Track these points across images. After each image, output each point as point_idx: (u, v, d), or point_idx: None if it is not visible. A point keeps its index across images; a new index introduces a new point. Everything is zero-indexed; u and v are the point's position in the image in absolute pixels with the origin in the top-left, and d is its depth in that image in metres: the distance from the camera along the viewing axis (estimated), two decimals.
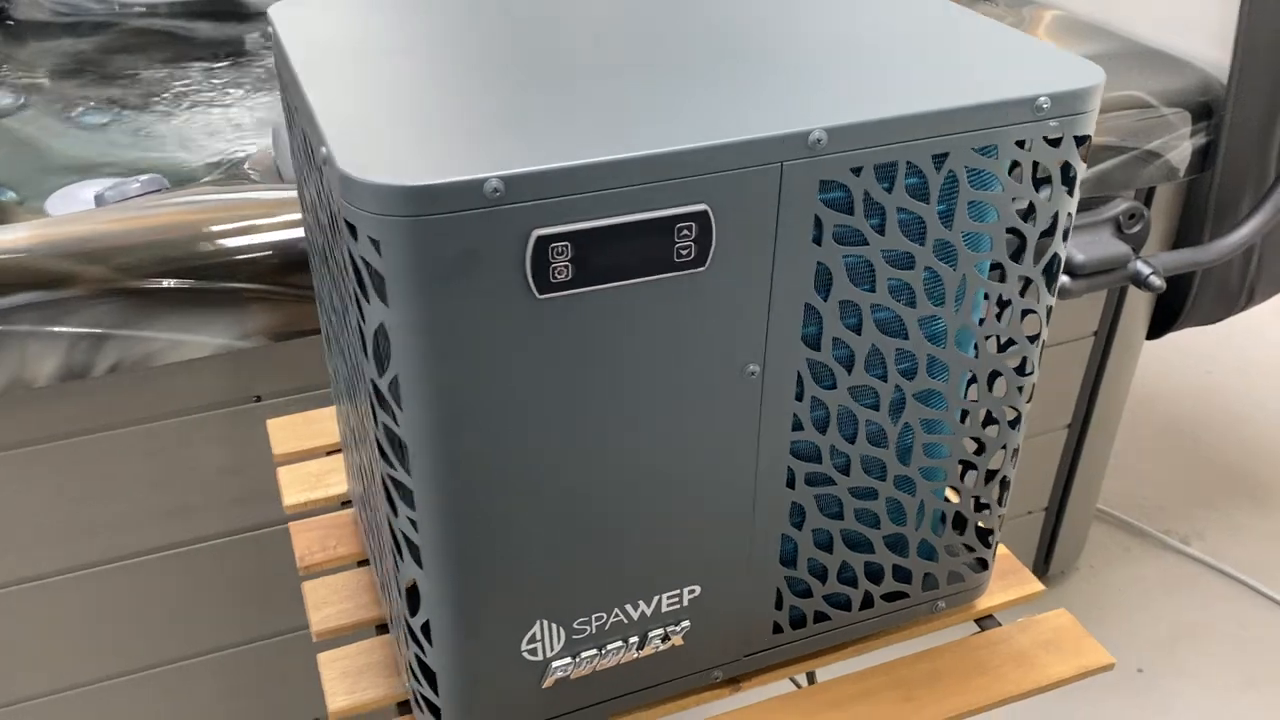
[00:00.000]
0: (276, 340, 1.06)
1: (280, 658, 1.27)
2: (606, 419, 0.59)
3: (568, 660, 0.67)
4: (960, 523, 0.75)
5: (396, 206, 0.49)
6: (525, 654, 0.66)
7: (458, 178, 0.49)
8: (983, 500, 0.75)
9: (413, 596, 0.63)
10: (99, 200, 1.26)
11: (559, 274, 0.53)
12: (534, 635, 0.65)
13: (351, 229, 0.51)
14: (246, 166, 1.28)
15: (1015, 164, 0.61)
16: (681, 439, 0.62)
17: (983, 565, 0.79)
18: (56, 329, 0.98)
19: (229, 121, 2.01)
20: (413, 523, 0.59)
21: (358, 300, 0.54)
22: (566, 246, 0.52)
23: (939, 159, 0.58)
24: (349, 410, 0.72)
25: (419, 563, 0.61)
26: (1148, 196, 1.43)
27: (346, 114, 0.56)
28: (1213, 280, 1.51)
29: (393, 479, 0.59)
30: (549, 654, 0.66)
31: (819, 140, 0.55)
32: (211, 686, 1.25)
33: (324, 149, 0.53)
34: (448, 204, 0.50)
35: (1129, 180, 1.35)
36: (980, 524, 0.76)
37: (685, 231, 0.54)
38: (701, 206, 0.54)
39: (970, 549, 0.77)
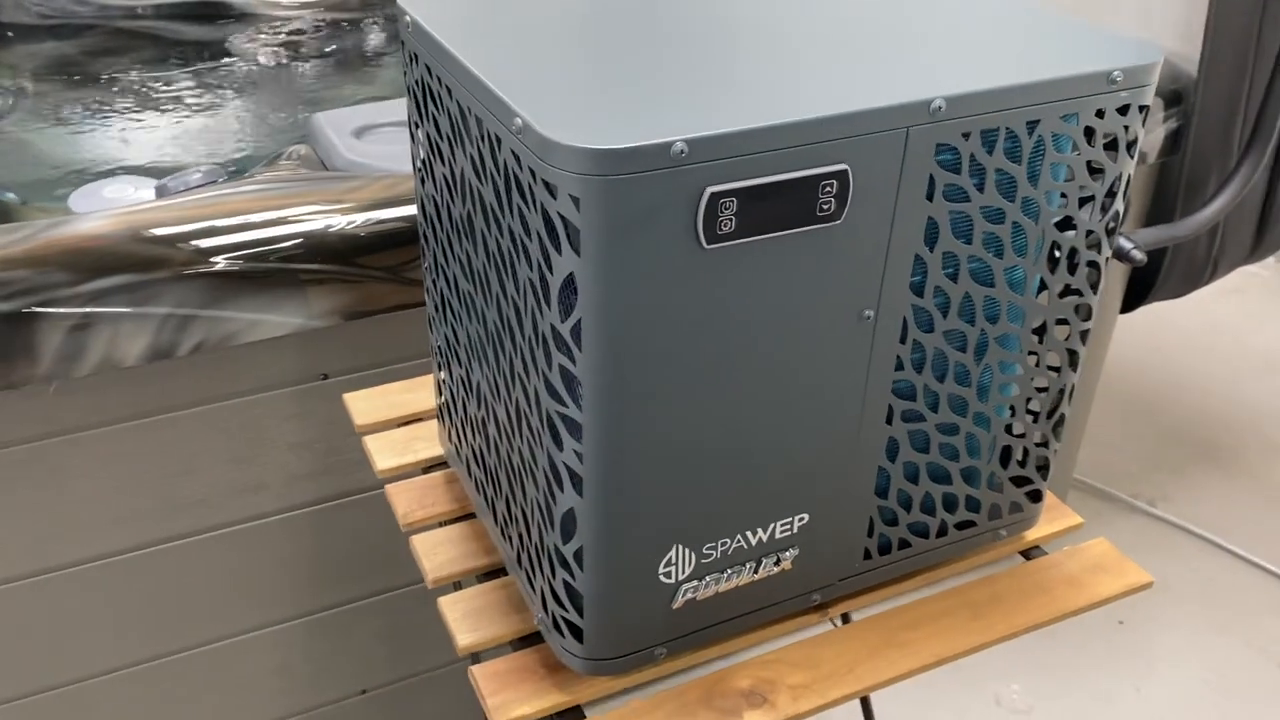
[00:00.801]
0: (345, 320, 1.12)
1: (332, 631, 1.32)
2: (747, 358, 0.67)
3: (695, 582, 0.75)
4: (1024, 457, 0.84)
5: (598, 167, 0.56)
6: (661, 577, 0.73)
7: (651, 140, 0.57)
8: (1042, 436, 0.84)
9: (567, 525, 0.70)
10: (161, 190, 1.30)
11: (724, 226, 0.61)
12: (670, 559, 0.73)
13: (550, 188, 0.58)
14: (284, 162, 1.33)
15: (1088, 130, 0.70)
16: (807, 377, 0.70)
17: (1037, 497, 0.88)
18: (146, 310, 1.03)
19: (218, 122, 2.05)
20: (578, 455, 0.66)
21: (545, 254, 0.61)
22: (733, 202, 0.60)
23: (1032, 124, 0.67)
24: (481, 370, 0.79)
25: (579, 492, 0.68)
26: None
27: (529, 87, 0.63)
28: (1182, 256, 1.64)
29: (562, 415, 0.66)
30: (681, 577, 0.74)
31: (939, 108, 0.63)
32: (268, 660, 1.30)
33: (518, 120, 0.60)
34: (641, 164, 0.57)
35: None
36: (1039, 459, 0.85)
37: (828, 188, 0.62)
38: (842, 166, 0.62)
39: (1029, 480, 0.86)
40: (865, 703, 1.11)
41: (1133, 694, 1.66)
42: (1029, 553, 0.93)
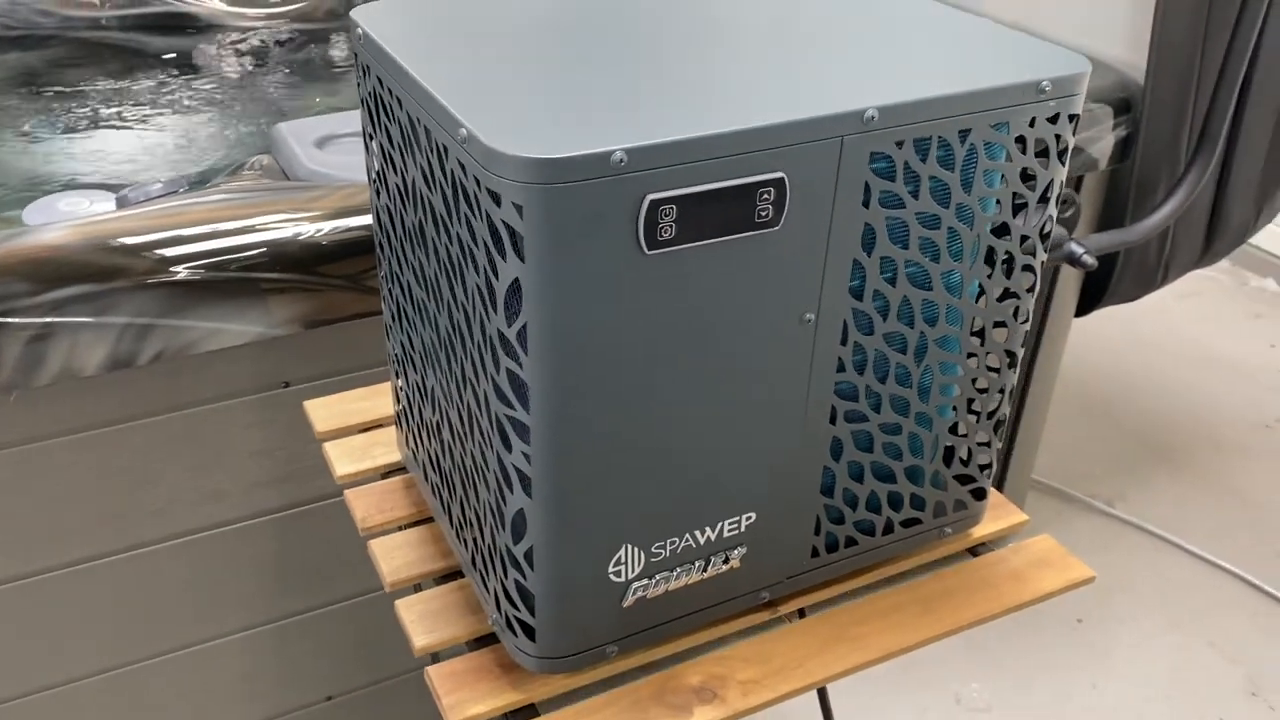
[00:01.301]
0: (306, 328, 1.13)
1: (298, 636, 1.33)
2: (690, 360, 0.69)
3: (645, 581, 0.76)
4: (967, 455, 0.87)
5: (540, 175, 0.58)
6: (611, 575, 0.75)
7: (591, 150, 0.59)
8: (982, 435, 0.87)
9: (517, 526, 0.72)
10: (121, 201, 1.31)
11: (664, 233, 0.63)
12: (619, 558, 0.74)
13: (494, 197, 0.60)
14: (247, 172, 1.34)
15: (1020, 138, 0.73)
16: (749, 378, 0.72)
17: (981, 495, 0.91)
18: (105, 320, 1.03)
19: (182, 133, 2.05)
20: (526, 456, 0.68)
21: (491, 260, 0.63)
22: (672, 209, 0.62)
23: (964, 133, 0.70)
24: (434, 375, 0.81)
25: (528, 493, 0.69)
26: (1077, 184, 1.58)
27: (474, 98, 0.64)
28: (1133, 261, 1.67)
29: (510, 418, 0.67)
30: (630, 576, 0.76)
31: (872, 117, 0.65)
32: (235, 667, 1.31)
33: (463, 130, 0.62)
34: (581, 172, 0.59)
35: None
36: (980, 457, 0.88)
37: (765, 195, 0.65)
38: (779, 174, 0.64)
39: (972, 479, 0.88)
40: (824, 702, 1.13)
41: (1090, 691, 1.69)
42: (977, 549, 0.96)
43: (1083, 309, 1.77)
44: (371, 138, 0.83)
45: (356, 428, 1.07)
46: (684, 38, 0.76)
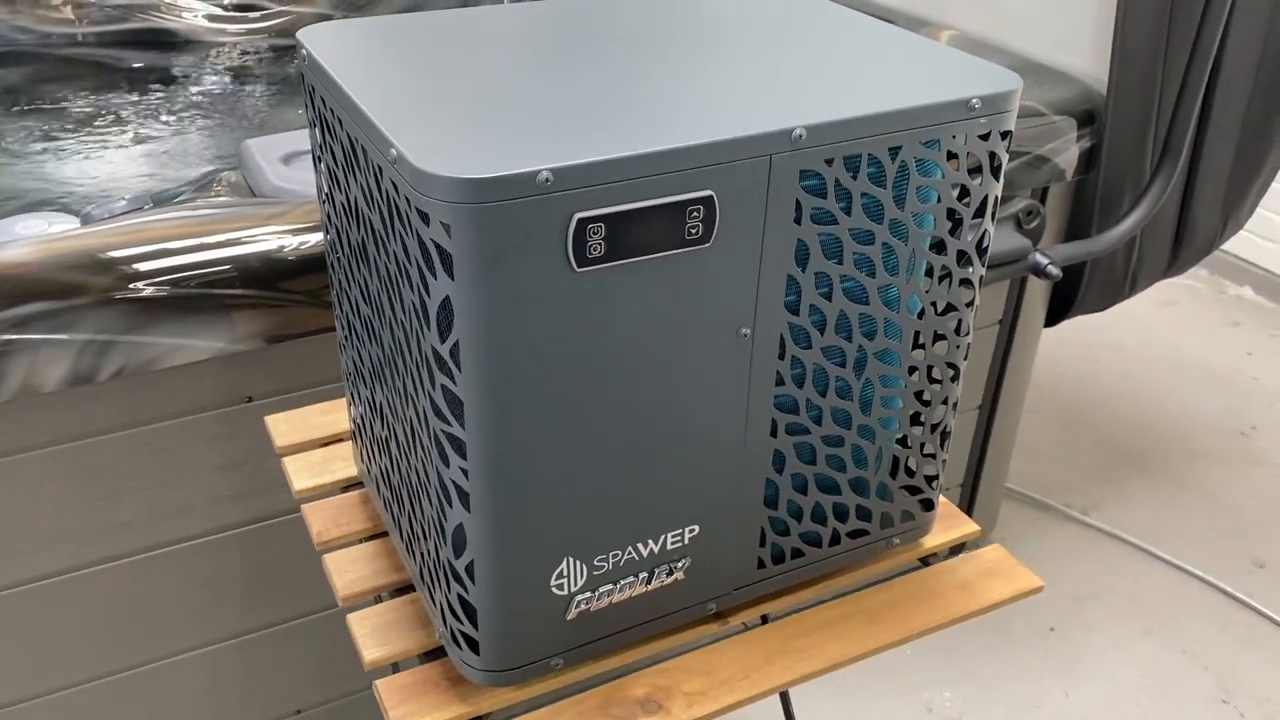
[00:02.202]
0: (268, 343, 1.14)
1: (265, 651, 1.34)
2: (626, 376, 0.70)
3: (588, 594, 0.77)
4: (910, 467, 0.88)
5: (467, 195, 0.59)
6: (554, 589, 0.76)
7: (516, 170, 0.60)
8: (928, 447, 0.87)
9: (458, 540, 0.72)
10: (85, 218, 1.31)
11: (594, 251, 0.64)
12: (561, 571, 0.75)
13: (423, 216, 0.61)
14: (215, 188, 1.35)
15: (952, 155, 0.74)
16: (687, 393, 0.73)
17: (929, 506, 0.92)
18: (65, 336, 1.04)
19: (160, 149, 2.06)
20: (464, 471, 0.69)
21: (423, 278, 0.64)
22: (601, 227, 0.63)
23: (894, 150, 0.71)
24: (381, 390, 0.81)
25: (467, 508, 0.70)
26: (1042, 195, 1.59)
27: (406, 119, 0.65)
28: (1100, 271, 1.69)
29: (447, 434, 0.68)
30: (573, 589, 0.76)
31: (800, 136, 0.67)
32: (198, 681, 1.31)
33: (393, 150, 0.63)
34: (508, 192, 0.60)
35: (1026, 181, 1.51)
36: (927, 468, 0.89)
37: (695, 213, 0.66)
38: (708, 192, 0.65)
39: (919, 490, 0.89)
40: (787, 710, 1.14)
41: (1062, 699, 1.69)
42: (928, 560, 0.96)
43: (1051, 319, 1.78)
44: (319, 159, 0.84)
45: (317, 442, 1.08)
46: (616, 57, 0.77)
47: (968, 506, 1.89)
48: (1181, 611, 1.86)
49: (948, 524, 0.98)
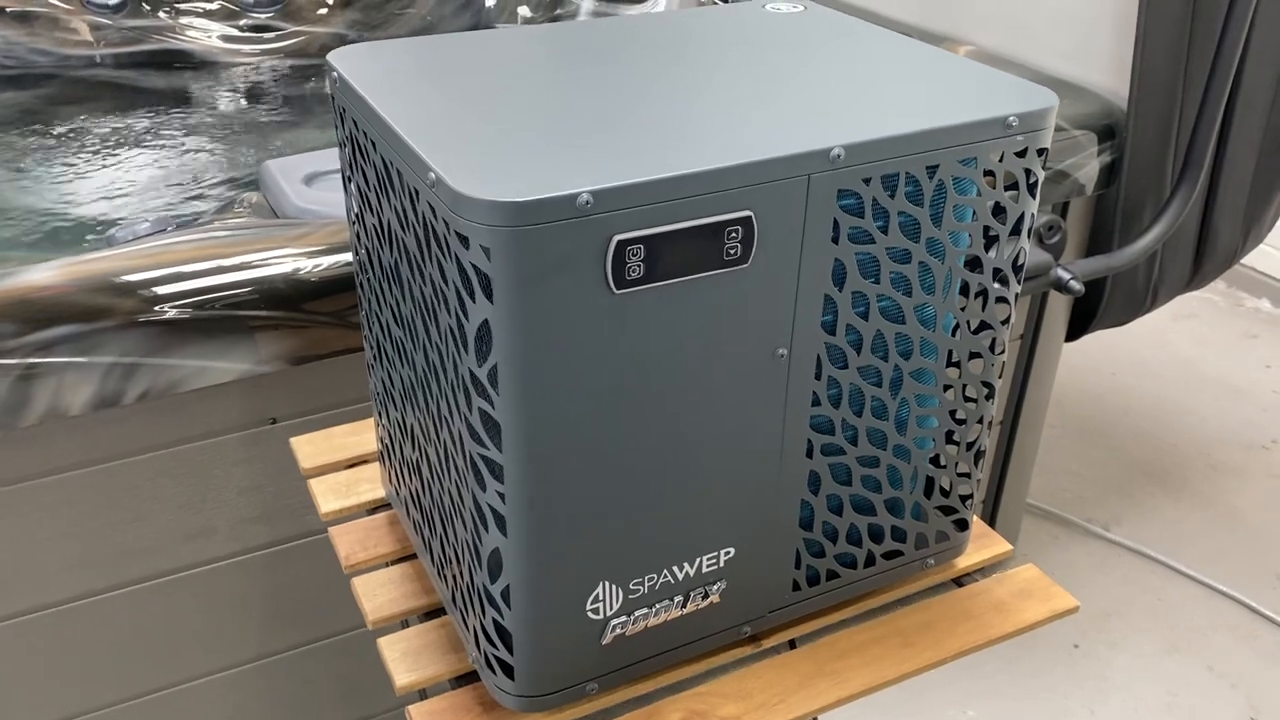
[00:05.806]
0: (292, 365, 1.14)
1: (288, 674, 1.33)
2: (665, 398, 0.69)
3: (624, 618, 0.76)
4: (945, 486, 0.87)
5: (507, 218, 0.59)
6: (589, 613, 0.75)
7: (556, 193, 0.59)
8: (962, 466, 0.87)
9: (493, 564, 0.72)
10: (110, 240, 1.31)
11: (632, 272, 0.63)
12: (597, 596, 0.74)
13: (463, 239, 0.61)
14: (237, 209, 1.35)
15: (989, 173, 0.73)
16: (724, 414, 0.72)
17: (964, 525, 0.91)
18: (91, 359, 1.04)
19: (176, 170, 2.07)
20: (501, 495, 0.68)
21: (461, 301, 0.63)
22: (640, 249, 0.63)
23: (931, 169, 0.70)
24: (413, 412, 0.81)
25: (503, 532, 0.69)
26: (1063, 210, 1.59)
27: (442, 142, 0.65)
28: (1122, 285, 1.68)
29: (484, 457, 0.68)
30: (608, 613, 0.76)
31: (838, 155, 0.66)
32: (221, 705, 1.30)
33: (431, 174, 0.62)
34: (547, 215, 0.59)
35: (1047, 196, 1.51)
36: (961, 488, 0.88)
37: (733, 234, 0.65)
38: (746, 213, 0.65)
39: (954, 510, 0.89)
40: None
41: (1087, 716, 1.68)
42: (962, 580, 0.95)
43: (1073, 334, 1.77)
44: (349, 180, 0.84)
45: (342, 464, 1.07)
46: (653, 79, 0.77)
47: (990, 523, 1.88)
48: (1206, 627, 1.84)
49: (980, 543, 0.97)
